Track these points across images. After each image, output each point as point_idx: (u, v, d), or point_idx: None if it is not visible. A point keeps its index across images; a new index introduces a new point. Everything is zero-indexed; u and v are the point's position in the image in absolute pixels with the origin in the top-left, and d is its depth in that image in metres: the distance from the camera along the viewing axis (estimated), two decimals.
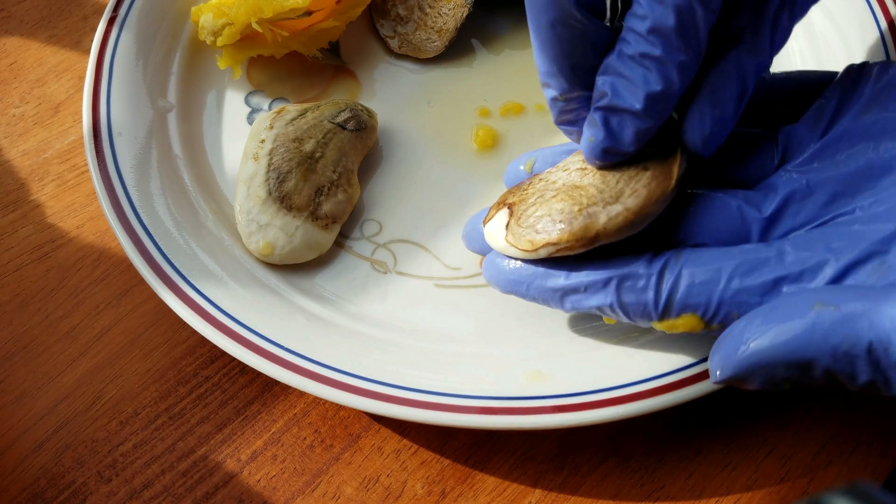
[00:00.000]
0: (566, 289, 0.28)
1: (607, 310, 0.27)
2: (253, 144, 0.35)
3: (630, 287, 0.26)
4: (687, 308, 0.26)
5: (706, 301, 0.25)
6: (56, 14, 0.44)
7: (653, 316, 0.26)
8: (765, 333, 0.24)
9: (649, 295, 0.26)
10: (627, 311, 0.27)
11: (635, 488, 0.31)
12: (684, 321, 0.26)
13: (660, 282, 0.26)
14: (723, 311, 0.25)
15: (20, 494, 0.31)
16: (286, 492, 0.31)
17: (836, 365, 0.23)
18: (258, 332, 0.31)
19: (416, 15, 0.41)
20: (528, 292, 0.29)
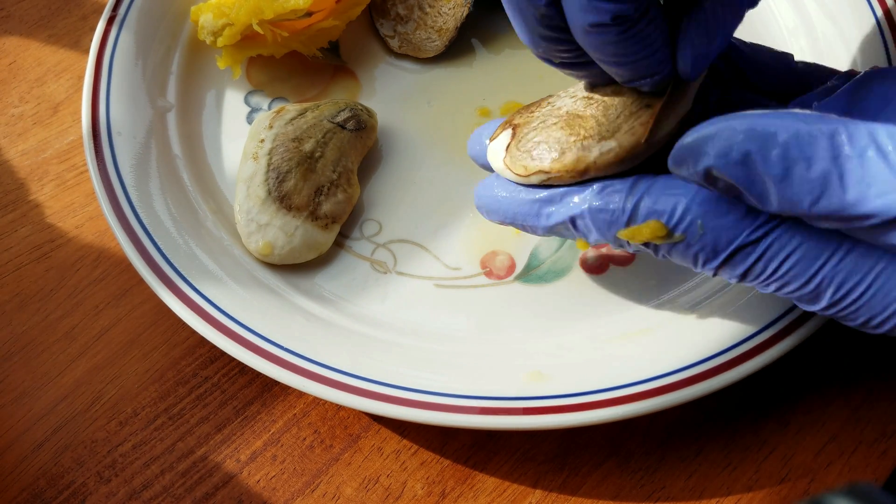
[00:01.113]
0: (543, 199, 0.28)
1: (579, 222, 0.27)
2: (252, 144, 0.35)
3: (603, 194, 0.27)
4: (653, 214, 0.26)
5: (672, 207, 0.25)
6: (55, 14, 0.44)
7: (620, 221, 0.26)
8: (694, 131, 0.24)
9: (618, 199, 0.26)
10: (597, 219, 0.27)
11: (636, 489, 0.31)
12: (648, 227, 0.26)
13: (632, 188, 0.26)
14: (687, 218, 0.25)
15: (20, 494, 0.31)
16: (286, 492, 0.31)
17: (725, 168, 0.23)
18: (258, 332, 0.31)
19: (416, 14, 0.41)
20: (508, 206, 0.29)
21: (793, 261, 0.24)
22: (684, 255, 0.26)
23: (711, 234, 0.25)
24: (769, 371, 0.32)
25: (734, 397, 0.32)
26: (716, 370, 0.30)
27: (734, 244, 0.25)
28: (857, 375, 0.33)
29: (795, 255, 0.24)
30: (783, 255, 0.24)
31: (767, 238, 0.24)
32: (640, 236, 0.26)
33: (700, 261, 0.26)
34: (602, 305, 0.33)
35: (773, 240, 0.24)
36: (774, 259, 0.24)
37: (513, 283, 0.35)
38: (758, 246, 0.25)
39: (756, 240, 0.25)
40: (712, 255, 0.25)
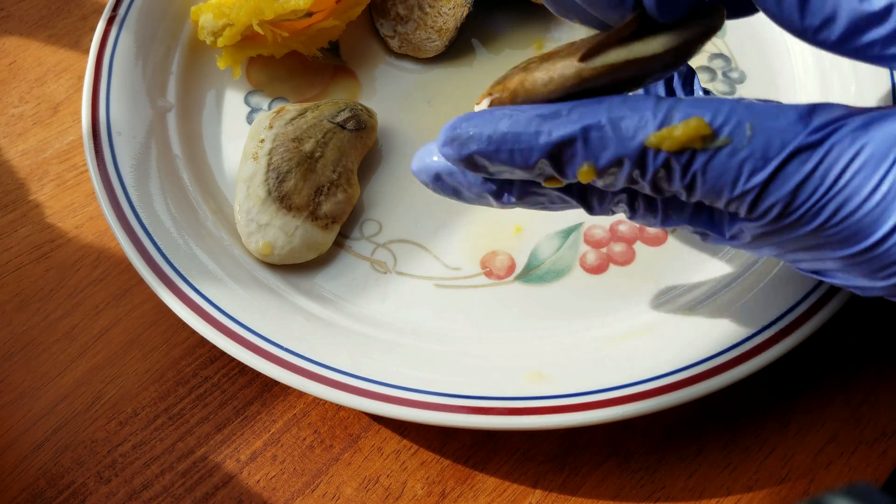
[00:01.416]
0: (545, 115, 0.23)
1: (594, 134, 0.22)
2: (252, 144, 0.35)
3: (630, 100, 0.22)
4: (694, 111, 0.22)
5: (715, 107, 0.22)
6: (55, 14, 0.44)
7: (650, 124, 0.22)
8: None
9: (649, 103, 0.22)
10: (620, 126, 0.22)
11: (636, 489, 0.31)
12: (688, 126, 0.21)
13: (668, 87, 0.23)
14: (734, 119, 0.21)
15: (20, 494, 0.31)
16: (286, 492, 0.31)
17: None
18: (258, 332, 0.31)
19: (416, 14, 0.41)
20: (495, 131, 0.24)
21: (858, 163, 0.21)
22: (726, 167, 0.22)
23: (763, 135, 0.21)
24: (769, 371, 0.32)
25: (734, 397, 0.32)
26: (716, 370, 0.30)
27: (791, 146, 0.21)
28: (857, 375, 0.33)
29: (861, 156, 0.21)
30: (847, 157, 0.21)
31: (829, 140, 0.21)
32: (678, 138, 0.21)
33: (745, 172, 0.22)
34: (602, 305, 0.33)
35: (835, 142, 0.21)
36: (836, 164, 0.21)
37: (513, 283, 0.35)
38: (818, 149, 0.21)
39: (816, 142, 0.21)
40: (762, 162, 0.21)
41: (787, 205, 0.22)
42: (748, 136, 0.21)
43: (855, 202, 0.21)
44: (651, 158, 0.22)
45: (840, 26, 0.22)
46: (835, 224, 0.22)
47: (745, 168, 0.22)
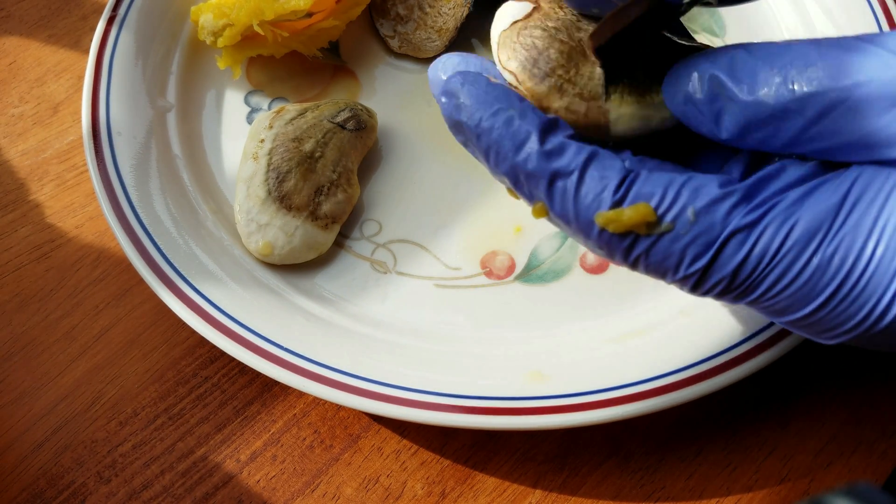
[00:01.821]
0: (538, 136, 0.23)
1: (560, 180, 0.23)
2: (252, 144, 0.35)
3: (599, 160, 0.23)
4: (646, 190, 0.23)
5: (665, 188, 0.22)
6: (55, 14, 0.44)
7: (605, 202, 0.23)
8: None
9: (614, 173, 0.23)
10: (579, 189, 0.23)
11: (636, 489, 0.31)
12: (636, 210, 0.22)
13: (627, 172, 0.23)
14: (679, 203, 0.22)
15: (20, 494, 0.31)
16: (286, 492, 0.31)
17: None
18: (258, 332, 0.31)
19: (415, 14, 0.41)
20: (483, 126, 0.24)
21: (791, 241, 0.22)
22: (667, 253, 0.23)
23: (705, 220, 0.22)
24: (769, 371, 0.32)
25: (734, 397, 0.32)
26: (716, 370, 0.30)
27: (729, 228, 0.22)
28: (857, 375, 0.33)
29: (793, 234, 0.22)
30: (781, 236, 0.22)
31: (764, 219, 0.22)
32: (626, 221, 0.23)
33: (687, 258, 0.23)
34: (602, 305, 0.33)
35: (770, 221, 0.22)
36: (772, 243, 0.22)
37: (513, 283, 0.35)
38: (754, 229, 0.22)
39: (753, 222, 0.22)
40: (703, 248, 0.22)
41: (728, 284, 0.23)
42: (690, 221, 0.22)
43: (789, 277, 0.22)
44: (596, 234, 0.23)
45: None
46: (772, 296, 0.23)
47: (686, 254, 0.23)
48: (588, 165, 0.23)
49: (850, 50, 0.22)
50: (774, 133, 0.23)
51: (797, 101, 0.22)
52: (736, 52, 0.23)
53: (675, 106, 0.24)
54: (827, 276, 0.22)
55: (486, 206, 0.36)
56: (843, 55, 0.22)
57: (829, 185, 0.22)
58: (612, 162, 0.23)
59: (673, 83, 0.24)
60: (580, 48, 0.25)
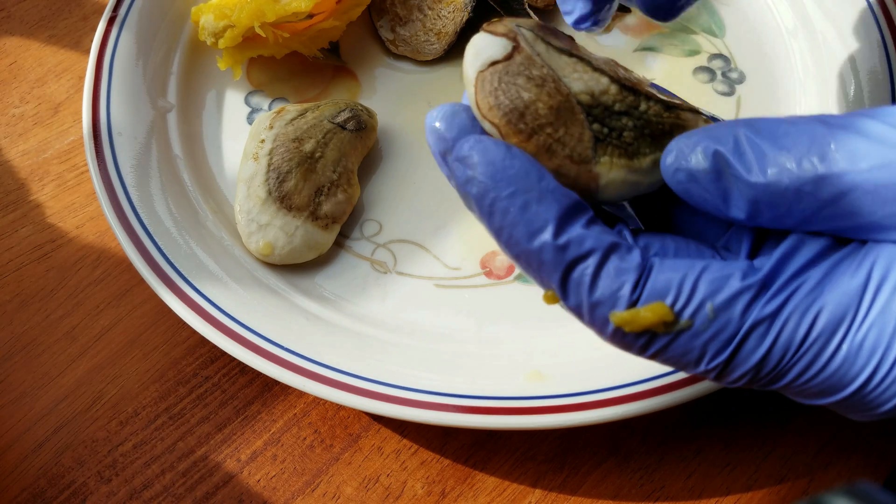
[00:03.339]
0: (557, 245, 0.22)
1: (576, 273, 0.22)
2: (253, 144, 0.35)
3: (618, 253, 0.22)
4: (657, 295, 0.22)
5: (680, 284, 0.22)
6: (56, 14, 0.44)
7: (621, 301, 0.22)
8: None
9: (631, 271, 0.22)
10: (595, 285, 0.22)
11: (635, 488, 0.31)
12: (653, 311, 0.22)
13: (646, 260, 0.22)
14: (696, 299, 0.22)
15: (20, 494, 0.31)
16: (286, 492, 0.31)
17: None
18: (258, 332, 0.31)
19: (415, 16, 0.41)
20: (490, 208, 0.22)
21: (816, 331, 0.21)
22: (687, 347, 0.22)
23: (724, 315, 0.21)
24: None
25: (734, 397, 0.32)
26: None
27: (748, 322, 0.21)
28: None
29: (818, 324, 0.21)
30: (805, 326, 0.21)
31: (785, 308, 0.21)
32: (642, 321, 0.22)
33: (708, 354, 0.22)
34: None
35: (791, 311, 0.21)
36: (796, 334, 0.21)
37: (513, 283, 0.35)
38: (776, 320, 0.21)
39: (773, 313, 0.21)
40: (723, 344, 0.22)
41: (754, 375, 0.22)
42: (709, 318, 0.22)
43: (817, 366, 0.21)
44: (611, 332, 0.22)
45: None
46: (803, 383, 0.22)
47: (707, 350, 0.22)
48: (605, 261, 0.22)
49: (862, 134, 0.21)
50: (787, 213, 0.22)
51: (811, 184, 0.21)
52: (738, 130, 0.22)
53: (677, 184, 0.23)
54: (859, 364, 0.21)
55: None
56: (855, 141, 0.21)
57: (847, 263, 0.22)
58: (630, 256, 0.22)
59: (672, 160, 0.23)
60: (568, 104, 0.23)
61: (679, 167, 0.22)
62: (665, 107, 0.24)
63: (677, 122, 0.24)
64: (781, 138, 0.22)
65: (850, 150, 0.21)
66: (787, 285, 0.22)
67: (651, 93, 0.24)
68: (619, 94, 0.24)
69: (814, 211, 0.22)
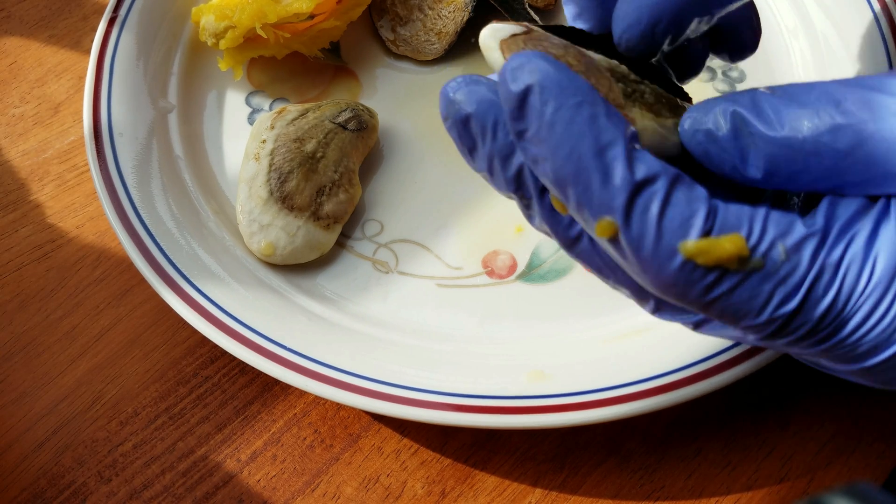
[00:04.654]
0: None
1: (642, 199, 0.20)
2: (254, 145, 0.35)
3: (686, 181, 0.21)
4: (728, 227, 0.20)
5: (751, 218, 0.20)
6: (56, 14, 0.44)
7: (697, 227, 0.20)
8: None
9: (702, 198, 0.20)
10: (667, 209, 0.20)
11: (635, 488, 0.31)
12: (731, 242, 0.20)
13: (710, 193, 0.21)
14: (768, 236, 0.20)
15: (20, 494, 0.31)
16: (286, 492, 0.31)
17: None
18: (260, 331, 0.31)
19: (415, 16, 0.41)
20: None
21: (874, 282, 0.20)
22: (755, 292, 0.20)
23: (795, 257, 0.20)
24: (769, 371, 0.32)
25: (734, 397, 0.32)
26: (716, 369, 0.30)
27: (816, 267, 0.20)
28: None
29: (875, 274, 0.20)
30: (866, 275, 0.20)
31: (846, 256, 0.20)
32: (716, 253, 0.20)
33: (776, 299, 0.20)
34: (603, 305, 0.34)
35: (852, 259, 0.20)
36: (858, 284, 0.20)
37: (514, 283, 0.35)
38: (839, 270, 0.20)
39: (836, 262, 0.20)
40: (794, 288, 0.20)
41: (813, 327, 0.21)
42: (782, 259, 0.20)
43: (876, 315, 0.20)
44: (677, 266, 0.20)
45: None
46: (857, 339, 0.21)
47: (775, 294, 0.20)
48: (675, 186, 0.20)
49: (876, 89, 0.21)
50: (804, 168, 0.21)
51: (829, 133, 0.21)
52: (756, 92, 0.22)
53: (696, 145, 0.22)
54: None
55: (487, 206, 0.36)
56: (870, 94, 0.21)
57: (889, 217, 0.21)
58: (697, 187, 0.21)
59: (692, 122, 0.22)
60: (593, 64, 0.23)
61: (698, 128, 0.22)
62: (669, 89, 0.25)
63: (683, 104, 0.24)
64: (799, 96, 0.22)
65: (867, 100, 0.21)
66: (844, 233, 0.21)
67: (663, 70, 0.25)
68: (629, 71, 0.23)
69: (831, 164, 0.21)
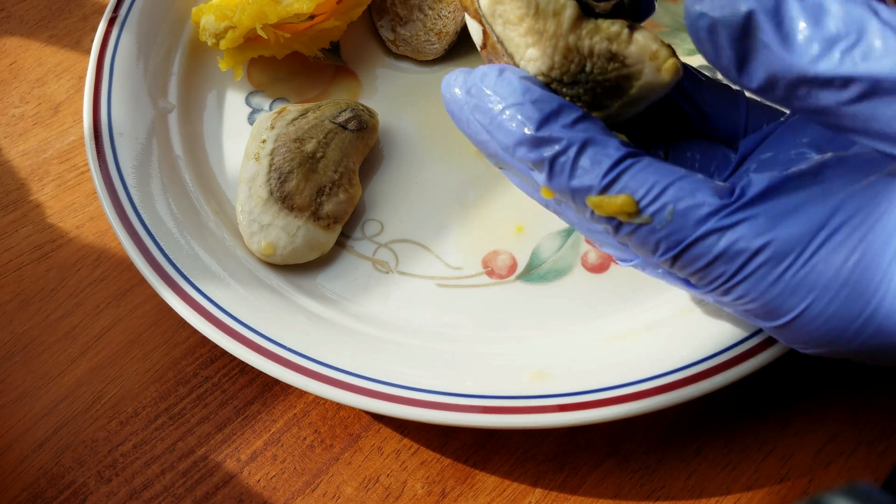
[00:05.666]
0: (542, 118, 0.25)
1: (558, 163, 0.25)
2: (254, 145, 0.35)
3: (594, 148, 0.25)
4: (626, 189, 0.24)
5: (649, 186, 0.24)
6: (56, 14, 0.44)
7: (594, 187, 0.25)
8: None
9: (606, 158, 0.24)
10: (576, 169, 0.25)
11: (635, 488, 0.31)
12: (619, 200, 0.24)
13: (620, 159, 0.24)
14: (660, 200, 0.24)
15: (20, 494, 0.31)
16: (286, 492, 0.31)
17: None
18: (260, 332, 0.31)
19: (415, 16, 0.41)
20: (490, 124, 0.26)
21: (761, 259, 0.23)
22: (646, 240, 0.25)
23: (680, 219, 0.24)
24: (769, 371, 0.32)
25: (734, 397, 0.32)
26: (715, 369, 0.30)
27: (700, 230, 0.24)
28: (857, 375, 0.33)
29: (764, 252, 0.23)
30: (751, 249, 0.23)
31: (737, 227, 0.23)
32: (609, 207, 0.24)
33: (661, 249, 0.25)
34: (603, 304, 0.34)
35: (741, 231, 0.23)
36: (741, 254, 0.23)
37: (514, 283, 0.35)
38: (724, 233, 0.23)
39: (723, 227, 0.23)
40: (675, 243, 0.24)
41: (701, 278, 0.25)
42: (667, 220, 0.24)
43: (759, 289, 0.24)
44: (589, 214, 0.25)
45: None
46: (747, 302, 0.24)
47: (660, 245, 0.25)
48: (581, 152, 0.25)
49: None
50: (804, 96, 0.21)
51: (842, 79, 0.20)
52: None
53: (696, 31, 0.22)
54: (795, 298, 0.23)
55: (487, 206, 0.36)
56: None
57: (813, 203, 0.23)
58: (607, 149, 0.25)
59: (701, 6, 0.21)
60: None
61: (704, 11, 0.21)
62: (608, 57, 0.26)
63: (622, 72, 0.26)
64: (826, 18, 0.20)
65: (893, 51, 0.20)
66: (746, 208, 0.24)
67: (592, 39, 0.26)
68: (563, 65, 0.26)
69: (832, 105, 0.21)
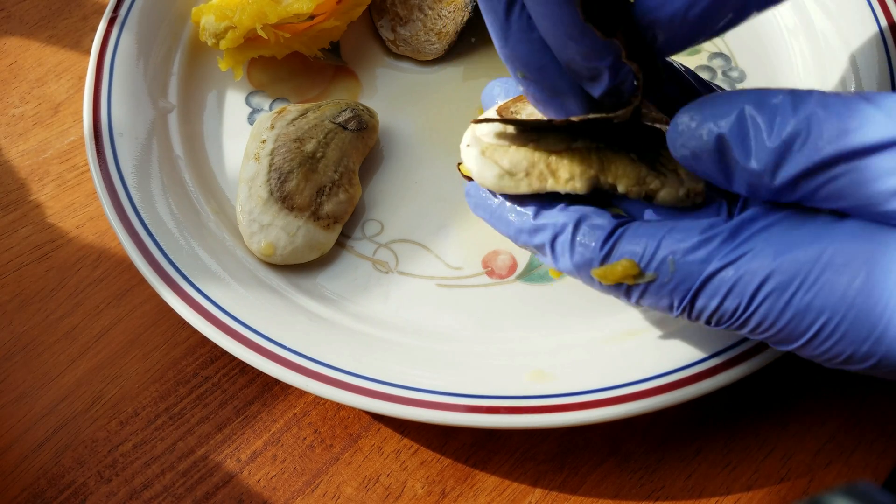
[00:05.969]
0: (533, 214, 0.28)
1: (558, 244, 0.27)
2: (254, 145, 0.35)
3: (587, 224, 0.27)
4: (626, 254, 0.26)
5: (644, 245, 0.25)
6: (56, 14, 0.44)
7: (596, 257, 0.26)
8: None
9: (599, 232, 0.26)
10: (574, 247, 0.27)
11: (635, 488, 0.31)
12: (621, 266, 0.26)
13: (614, 230, 0.26)
14: (659, 255, 0.25)
15: (20, 494, 0.31)
16: (286, 492, 0.31)
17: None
18: (260, 332, 0.31)
19: (415, 16, 0.41)
20: (491, 218, 0.30)
21: (766, 290, 0.24)
22: (658, 295, 0.26)
23: (683, 268, 0.25)
24: (769, 371, 0.32)
25: (734, 397, 0.32)
26: (715, 370, 0.30)
27: (706, 272, 0.24)
28: (856, 375, 0.33)
29: (768, 284, 0.23)
30: (757, 280, 0.24)
31: (740, 262, 0.24)
32: (613, 275, 0.26)
33: (676, 299, 0.25)
34: (603, 304, 0.34)
35: (745, 265, 0.24)
36: (749, 285, 0.24)
37: (514, 283, 0.35)
38: (729, 269, 0.24)
39: (728, 263, 0.24)
40: (685, 291, 0.25)
41: (719, 318, 0.25)
42: (671, 270, 0.25)
43: (772, 317, 0.24)
44: (598, 286, 0.27)
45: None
46: (764, 330, 0.25)
47: (674, 296, 0.25)
48: (577, 228, 0.27)
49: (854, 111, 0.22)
50: (787, 195, 0.23)
51: (807, 172, 0.22)
52: (743, 108, 0.23)
53: (682, 158, 0.25)
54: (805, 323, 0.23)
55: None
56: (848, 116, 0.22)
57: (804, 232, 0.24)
58: (599, 221, 0.26)
59: (678, 138, 0.24)
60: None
61: (685, 144, 0.24)
62: (650, 166, 0.27)
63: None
64: (784, 118, 0.23)
65: (841, 131, 0.22)
66: (747, 241, 0.24)
67: (619, 182, 0.28)
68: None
69: (809, 195, 0.23)
